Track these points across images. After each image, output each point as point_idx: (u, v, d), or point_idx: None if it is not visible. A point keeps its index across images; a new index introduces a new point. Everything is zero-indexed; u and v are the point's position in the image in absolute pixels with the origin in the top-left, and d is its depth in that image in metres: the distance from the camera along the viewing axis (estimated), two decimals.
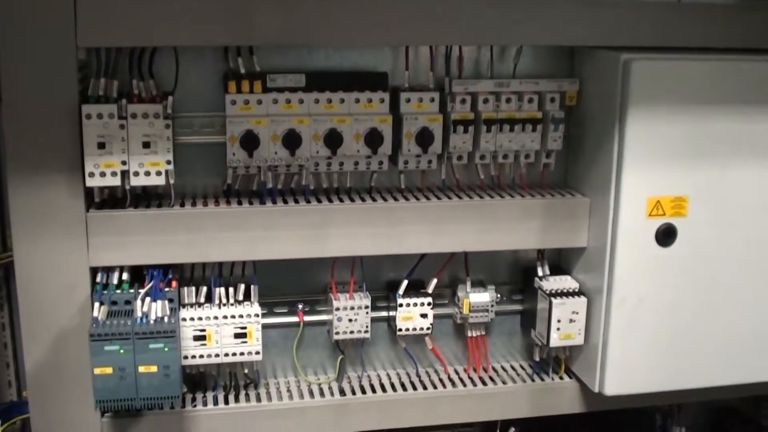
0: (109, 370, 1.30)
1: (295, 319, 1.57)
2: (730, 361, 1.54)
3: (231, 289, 1.47)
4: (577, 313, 1.51)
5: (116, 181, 1.34)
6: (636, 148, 1.41)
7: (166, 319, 1.33)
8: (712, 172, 1.44)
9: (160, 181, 1.35)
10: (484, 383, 1.59)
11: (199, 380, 1.53)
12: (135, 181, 1.35)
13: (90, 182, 1.33)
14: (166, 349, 1.30)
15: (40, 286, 1.35)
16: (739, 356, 1.54)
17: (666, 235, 1.44)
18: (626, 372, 1.49)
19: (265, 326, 1.51)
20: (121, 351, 1.29)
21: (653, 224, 1.44)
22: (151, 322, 1.32)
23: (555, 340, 1.52)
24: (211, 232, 1.38)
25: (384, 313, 1.59)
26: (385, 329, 1.62)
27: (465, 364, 1.64)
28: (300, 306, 1.57)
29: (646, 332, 1.48)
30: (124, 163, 1.33)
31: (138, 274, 1.41)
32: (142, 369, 1.31)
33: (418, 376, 1.61)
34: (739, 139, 1.44)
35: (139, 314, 1.33)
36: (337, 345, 1.57)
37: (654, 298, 1.47)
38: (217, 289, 1.46)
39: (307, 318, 1.57)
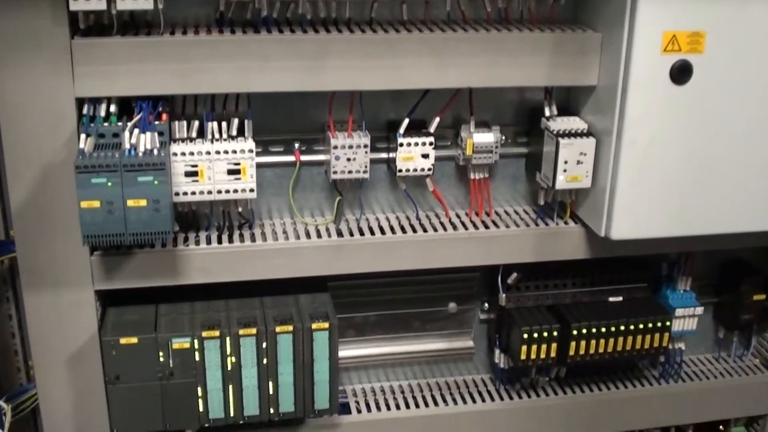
0: (96, 204, 1.27)
1: (291, 158, 1.53)
2: (740, 208, 1.51)
3: (224, 124, 1.43)
4: (585, 154, 1.48)
5: (102, 5, 1.27)
6: None
7: (155, 151, 1.30)
8: (731, 7, 1.38)
9: (149, 5, 1.28)
10: (486, 227, 1.56)
11: (192, 220, 1.51)
12: (121, 5, 1.28)
13: (74, 6, 1.26)
14: (155, 182, 1.27)
15: (24, 119, 1.31)
16: (749, 204, 1.51)
17: (681, 72, 1.39)
18: (634, 215, 1.47)
19: (260, 165, 1.48)
20: (109, 184, 1.26)
21: (668, 60, 1.39)
22: (140, 154, 1.28)
23: (561, 183, 1.49)
24: (202, 62, 1.33)
25: (383, 155, 1.56)
26: (384, 172, 1.59)
27: (467, 208, 1.62)
28: (296, 145, 1.53)
29: (656, 175, 1.45)
30: None
31: (127, 108, 1.37)
32: (130, 203, 1.28)
33: (418, 219, 1.58)
34: None
35: (127, 146, 1.29)
36: (335, 186, 1.54)
37: (666, 140, 1.43)
38: (210, 123, 1.42)
39: (303, 158, 1.53)
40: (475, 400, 1.72)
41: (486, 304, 1.73)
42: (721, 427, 1.94)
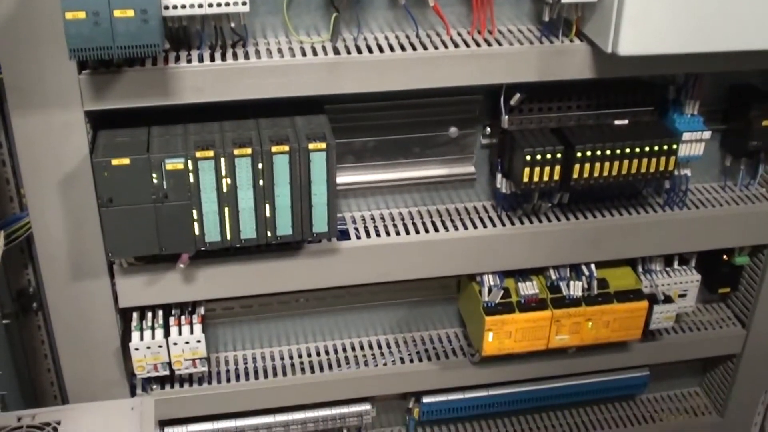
0: (82, 15, 1.24)
1: None
2: (755, 24, 1.47)
3: None
4: None
5: None
6: None
7: None
8: None
9: None
10: (488, 45, 1.53)
11: (183, 38, 1.47)
12: None
13: None
14: None
15: None
16: (764, 20, 1.47)
17: None
18: (642, 29, 1.43)
19: None
20: None
21: None
22: None
23: None
24: None
25: None
26: None
27: (469, 26, 1.58)
28: None
29: None
30: None
31: None
32: (117, 14, 1.25)
33: (418, 37, 1.54)
34: None
35: None
36: (331, 2, 1.49)
37: None
38: None
39: None
40: (476, 226, 1.72)
41: (488, 129, 1.71)
42: (725, 256, 1.95)
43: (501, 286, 1.76)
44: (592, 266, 1.79)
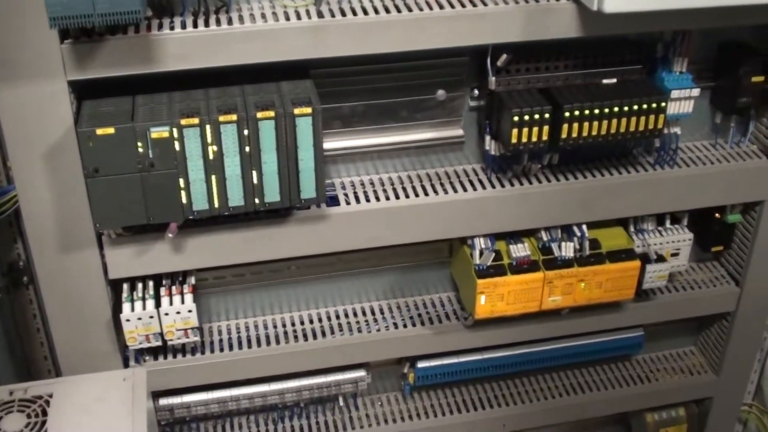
0: None
1: None
2: None
3: None
4: None
5: None
6: None
7: None
8: None
9: None
10: (474, 5, 1.53)
11: (166, 4, 1.48)
12: None
13: None
14: None
15: None
16: None
17: None
18: None
19: None
20: None
21: None
22: None
23: None
24: None
25: None
26: None
27: None
28: None
29: None
30: None
31: None
32: None
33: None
34: None
35: None
36: None
37: None
38: None
39: None
40: (466, 189, 1.73)
41: (476, 91, 1.71)
42: (717, 214, 1.96)
43: (492, 249, 1.77)
44: (584, 227, 1.80)
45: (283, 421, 2.03)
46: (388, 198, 1.70)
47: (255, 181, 1.49)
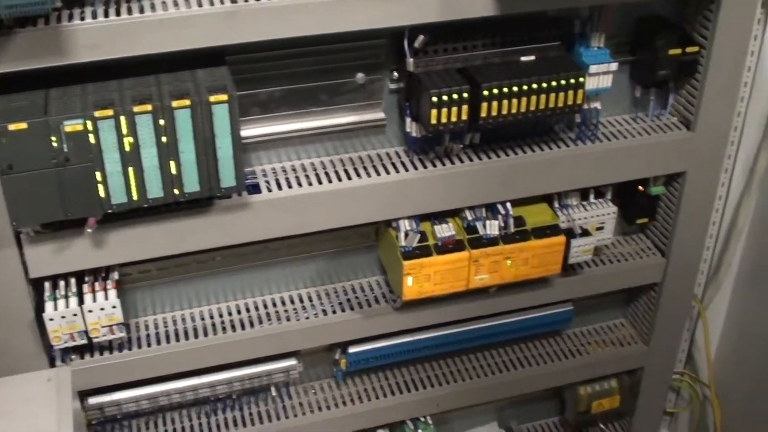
0: None
1: None
2: None
3: None
4: None
5: None
6: None
7: None
8: None
9: None
10: None
11: None
12: None
13: None
14: None
15: None
16: None
17: None
18: None
19: None
20: None
21: None
22: None
23: None
24: None
25: None
26: None
27: None
28: None
29: None
30: None
31: None
32: None
33: None
34: None
35: None
36: None
37: None
38: None
39: None
40: (389, 172, 1.73)
41: (395, 73, 1.72)
42: (640, 187, 1.99)
43: (417, 230, 1.77)
44: (508, 204, 1.81)
45: (216, 413, 2.02)
46: (311, 184, 1.70)
47: (173, 171, 1.48)
